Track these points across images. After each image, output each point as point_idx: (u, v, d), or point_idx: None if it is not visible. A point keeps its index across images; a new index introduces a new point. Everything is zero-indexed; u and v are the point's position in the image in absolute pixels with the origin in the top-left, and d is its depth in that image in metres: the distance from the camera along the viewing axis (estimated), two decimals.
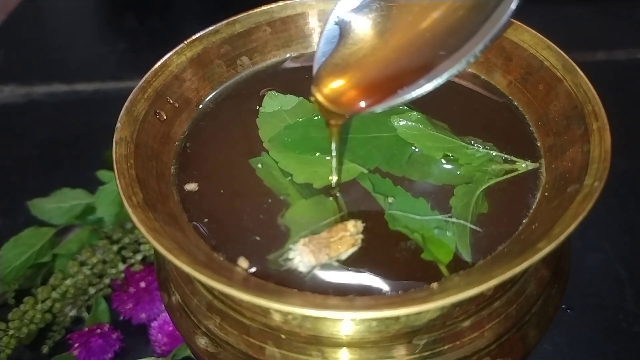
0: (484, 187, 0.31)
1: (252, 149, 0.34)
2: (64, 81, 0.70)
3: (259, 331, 0.29)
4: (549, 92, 0.33)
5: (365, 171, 0.32)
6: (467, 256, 0.28)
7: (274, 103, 0.36)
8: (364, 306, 0.25)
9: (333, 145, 0.31)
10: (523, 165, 0.32)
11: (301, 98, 0.36)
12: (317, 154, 0.33)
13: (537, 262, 0.24)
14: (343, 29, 0.30)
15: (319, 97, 0.30)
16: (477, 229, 0.29)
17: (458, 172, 0.32)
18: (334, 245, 0.28)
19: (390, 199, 0.30)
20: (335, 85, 0.30)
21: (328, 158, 0.32)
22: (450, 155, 0.32)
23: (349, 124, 0.34)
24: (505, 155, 0.32)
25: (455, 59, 0.28)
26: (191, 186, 0.32)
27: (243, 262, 0.28)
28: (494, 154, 0.32)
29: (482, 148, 0.32)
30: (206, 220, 0.31)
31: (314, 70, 0.30)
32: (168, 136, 0.34)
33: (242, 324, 0.30)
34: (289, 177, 0.32)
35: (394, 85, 0.29)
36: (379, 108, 0.29)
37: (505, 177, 0.31)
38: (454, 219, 0.29)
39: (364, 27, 0.31)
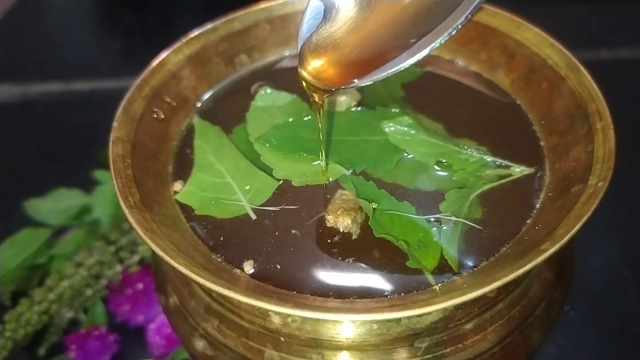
0: (477, 192, 0.30)
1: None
2: (60, 80, 0.69)
3: (258, 334, 0.29)
4: (552, 91, 0.33)
5: (348, 173, 0.31)
6: (454, 263, 0.27)
7: (267, 98, 0.36)
8: (365, 308, 0.25)
9: (319, 126, 0.31)
10: (518, 170, 0.31)
11: (294, 96, 0.36)
12: (303, 155, 0.32)
13: (541, 264, 0.24)
14: (327, 6, 0.30)
15: (303, 73, 0.29)
16: (476, 226, 0.29)
17: (454, 178, 0.31)
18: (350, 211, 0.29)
19: (374, 204, 0.29)
20: (319, 60, 0.29)
21: (315, 163, 0.32)
22: (444, 161, 0.32)
23: (338, 125, 0.33)
24: (500, 160, 0.32)
25: (437, 33, 0.28)
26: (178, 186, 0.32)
27: (247, 266, 0.28)
28: (488, 159, 0.32)
29: (476, 153, 0.32)
30: (204, 221, 0.30)
31: (299, 47, 0.30)
32: (165, 135, 0.34)
33: (240, 327, 0.29)
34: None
35: (378, 60, 0.28)
36: (363, 82, 0.28)
37: (499, 182, 0.31)
38: (443, 225, 0.29)
39: (347, 4, 0.30)
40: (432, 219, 0.29)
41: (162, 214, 0.29)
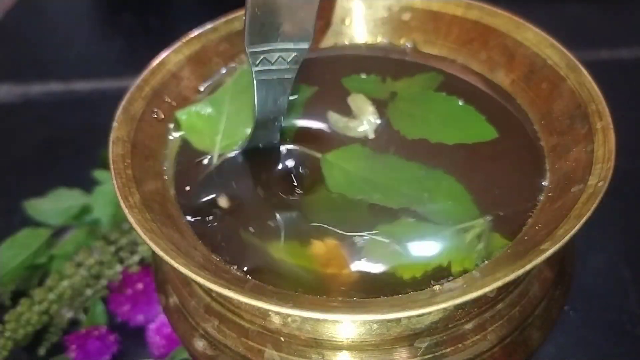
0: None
1: None
2: (60, 80, 0.69)
3: (258, 334, 0.29)
4: (552, 91, 0.33)
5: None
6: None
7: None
8: (365, 308, 0.25)
9: None
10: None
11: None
12: None
13: (541, 264, 0.24)
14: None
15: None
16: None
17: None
18: None
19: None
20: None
21: None
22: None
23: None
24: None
25: None
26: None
27: (222, 201, 0.28)
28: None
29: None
30: (204, 221, 0.30)
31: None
32: (165, 135, 0.34)
33: (240, 327, 0.29)
34: None
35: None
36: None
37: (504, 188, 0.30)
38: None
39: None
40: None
41: (162, 214, 0.29)
